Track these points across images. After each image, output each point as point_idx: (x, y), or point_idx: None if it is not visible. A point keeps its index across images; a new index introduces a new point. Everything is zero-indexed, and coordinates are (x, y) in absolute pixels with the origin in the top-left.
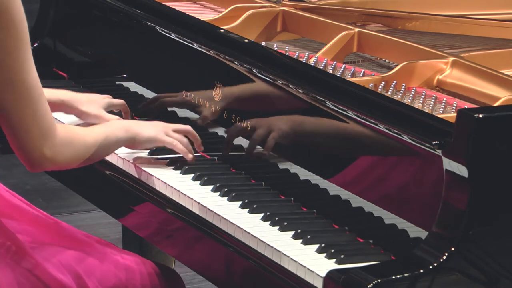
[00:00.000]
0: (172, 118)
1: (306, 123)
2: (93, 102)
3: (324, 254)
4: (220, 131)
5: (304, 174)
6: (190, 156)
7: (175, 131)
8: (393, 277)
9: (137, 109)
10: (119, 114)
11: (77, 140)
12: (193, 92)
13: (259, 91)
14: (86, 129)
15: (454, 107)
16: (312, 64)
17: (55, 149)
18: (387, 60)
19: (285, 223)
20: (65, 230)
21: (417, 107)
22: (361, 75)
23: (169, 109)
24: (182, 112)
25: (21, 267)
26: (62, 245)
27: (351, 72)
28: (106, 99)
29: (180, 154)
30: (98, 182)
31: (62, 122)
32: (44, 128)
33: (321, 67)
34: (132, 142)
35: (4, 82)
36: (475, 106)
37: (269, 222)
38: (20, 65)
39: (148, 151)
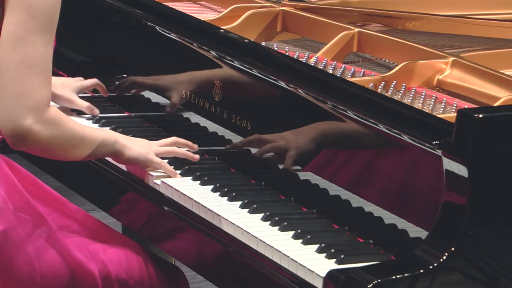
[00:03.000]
0: (174, 118)
1: (324, 132)
2: (66, 85)
3: (324, 254)
4: (220, 131)
5: (304, 174)
6: (177, 176)
7: (163, 146)
8: (393, 277)
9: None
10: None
11: (66, 125)
12: (193, 92)
13: (259, 91)
14: (78, 123)
15: (454, 107)
16: (312, 64)
17: (41, 124)
18: (387, 60)
19: (285, 223)
20: (78, 213)
21: (417, 107)
22: (361, 75)
23: (169, 108)
24: (179, 111)
25: (44, 243)
26: (77, 225)
27: (351, 72)
28: (79, 82)
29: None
30: (98, 182)
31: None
32: (38, 99)
33: (321, 67)
34: (117, 156)
35: (16, 38)
36: (475, 106)
37: (269, 222)
38: (45, 31)
39: None
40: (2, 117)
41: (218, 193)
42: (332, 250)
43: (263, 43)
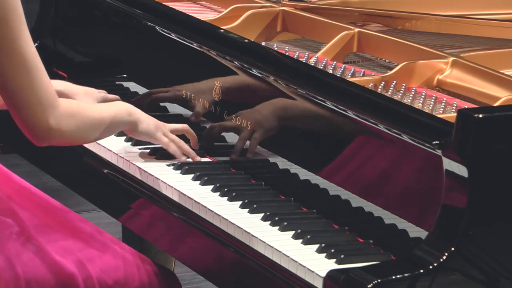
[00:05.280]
0: (171, 117)
1: (289, 107)
2: (89, 94)
3: (324, 254)
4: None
5: (304, 174)
6: (183, 158)
7: (173, 131)
8: (393, 277)
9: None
10: None
11: (82, 113)
12: (193, 92)
13: (259, 91)
14: (91, 105)
15: (454, 107)
16: (312, 64)
17: (60, 119)
18: (387, 60)
19: (285, 223)
20: (70, 218)
21: (417, 107)
22: (361, 75)
23: (170, 108)
24: (180, 110)
25: (26, 249)
26: (65, 232)
27: (351, 72)
28: (102, 93)
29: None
30: (98, 181)
31: None
32: (45, 99)
33: (321, 67)
34: (132, 128)
35: (1, 52)
36: (475, 106)
37: (269, 222)
38: (16, 34)
39: (138, 146)
40: (23, 124)
41: (218, 193)
42: (332, 250)
43: (263, 43)
